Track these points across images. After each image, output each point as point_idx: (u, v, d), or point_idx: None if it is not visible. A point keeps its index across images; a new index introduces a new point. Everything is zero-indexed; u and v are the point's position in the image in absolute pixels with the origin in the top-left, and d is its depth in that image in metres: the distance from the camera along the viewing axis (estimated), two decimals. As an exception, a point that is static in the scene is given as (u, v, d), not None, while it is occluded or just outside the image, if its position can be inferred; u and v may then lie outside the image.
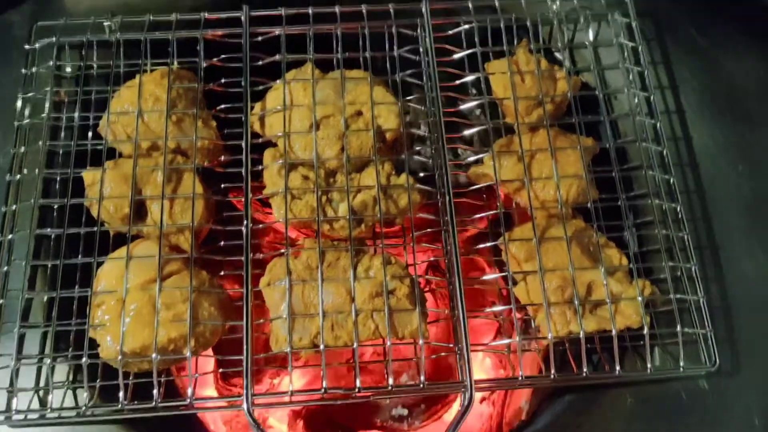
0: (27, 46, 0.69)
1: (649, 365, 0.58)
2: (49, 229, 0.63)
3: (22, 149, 0.66)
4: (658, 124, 0.68)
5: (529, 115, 0.67)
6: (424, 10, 0.70)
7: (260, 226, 0.65)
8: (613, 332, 0.58)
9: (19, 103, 0.67)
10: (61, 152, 0.67)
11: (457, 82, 0.69)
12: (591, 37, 0.72)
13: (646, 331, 0.58)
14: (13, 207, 0.63)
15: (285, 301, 0.58)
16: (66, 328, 0.59)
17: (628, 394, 0.61)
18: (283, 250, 0.61)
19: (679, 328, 0.59)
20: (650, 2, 0.75)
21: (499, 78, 0.68)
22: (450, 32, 0.71)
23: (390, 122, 0.66)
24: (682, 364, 0.58)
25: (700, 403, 0.60)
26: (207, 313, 0.58)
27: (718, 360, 0.59)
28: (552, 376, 0.58)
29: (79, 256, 0.61)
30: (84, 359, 0.56)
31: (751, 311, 0.63)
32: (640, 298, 0.59)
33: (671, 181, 0.66)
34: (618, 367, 0.58)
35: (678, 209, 0.64)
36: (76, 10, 0.74)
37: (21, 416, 0.58)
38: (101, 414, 0.57)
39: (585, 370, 0.57)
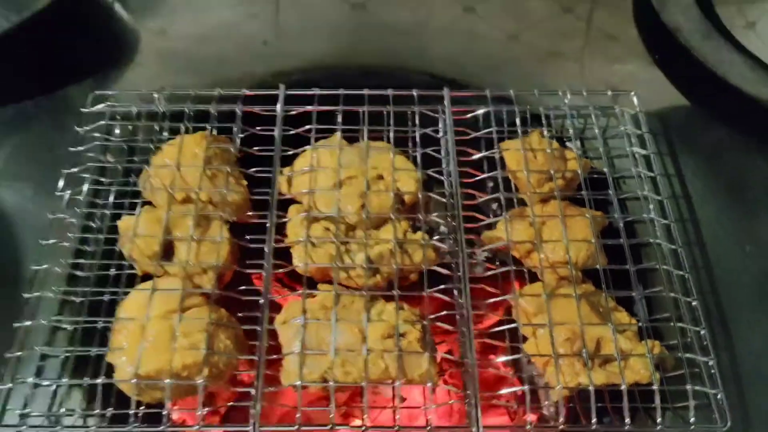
0: (83, 110, 0.76)
1: (659, 419, 0.57)
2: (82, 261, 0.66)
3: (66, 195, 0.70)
4: (665, 202, 0.71)
5: (541, 187, 0.71)
6: (445, 96, 0.77)
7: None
8: (623, 386, 0.58)
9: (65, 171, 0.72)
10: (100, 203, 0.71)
11: (474, 157, 0.74)
12: (599, 127, 0.77)
13: (656, 386, 0.58)
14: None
15: (299, 337, 0.60)
16: (85, 353, 0.60)
17: (640, 454, 0.60)
18: (300, 291, 0.63)
19: (689, 386, 0.59)
20: (654, 100, 0.81)
21: (513, 154, 0.73)
22: (468, 116, 0.76)
23: (409, 186, 0.70)
24: (692, 419, 0.58)
25: (713, 468, 0.58)
26: (222, 345, 0.60)
27: (729, 421, 0.58)
28: (560, 427, 0.58)
29: (106, 295, 0.64)
30: (100, 380, 0.58)
31: (760, 379, 0.62)
32: (649, 356, 0.60)
33: (679, 252, 0.67)
34: (627, 420, 0.57)
35: (686, 277, 0.66)
36: (130, 86, 0.82)
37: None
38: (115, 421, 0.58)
39: (594, 421, 0.57)
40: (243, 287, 0.65)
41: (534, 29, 0.94)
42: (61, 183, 0.70)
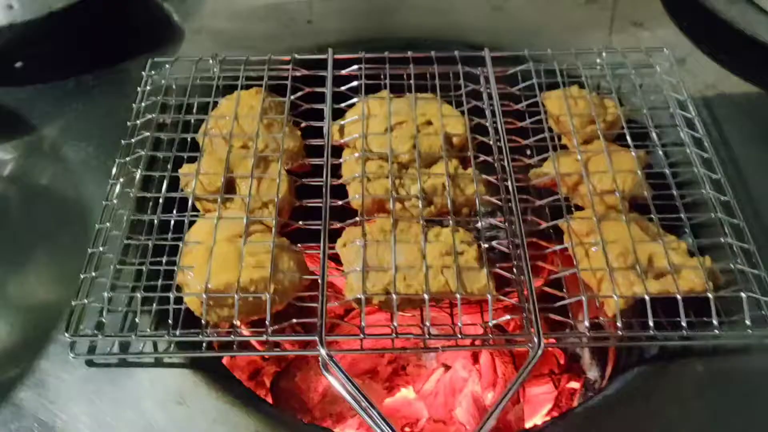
0: (143, 72, 0.80)
1: (715, 321, 0.58)
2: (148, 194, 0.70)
3: (126, 158, 0.73)
4: (712, 160, 0.72)
5: (584, 128, 0.74)
6: (486, 55, 0.80)
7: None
8: (678, 295, 0.59)
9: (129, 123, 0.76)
10: (161, 158, 0.74)
11: (517, 106, 0.77)
12: (634, 83, 0.80)
13: (710, 294, 0.59)
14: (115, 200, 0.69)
15: (360, 257, 0.62)
16: (156, 267, 0.63)
17: (699, 364, 0.60)
18: (358, 219, 0.66)
19: (743, 293, 0.60)
20: (684, 64, 0.84)
21: (554, 101, 0.76)
22: (509, 71, 0.80)
23: (457, 129, 0.73)
24: (748, 323, 0.59)
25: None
26: (286, 266, 0.62)
27: (786, 323, 0.59)
28: (619, 333, 0.59)
29: (172, 218, 0.67)
30: (171, 295, 0.60)
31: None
32: (702, 269, 0.61)
33: (722, 182, 0.70)
34: (684, 324, 0.58)
35: (732, 203, 0.68)
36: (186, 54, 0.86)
37: (103, 359, 0.61)
38: (181, 348, 0.59)
39: (651, 325, 0.58)
40: (302, 222, 0.67)
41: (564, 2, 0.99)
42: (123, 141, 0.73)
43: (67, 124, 0.80)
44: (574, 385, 0.86)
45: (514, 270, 0.64)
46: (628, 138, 0.72)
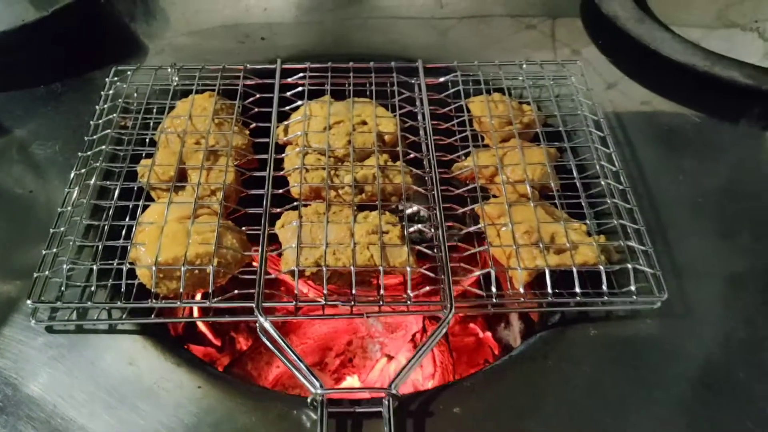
0: (107, 79, 0.88)
1: (604, 289, 0.67)
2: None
3: (89, 152, 0.80)
4: (608, 138, 0.83)
5: (502, 128, 0.83)
6: (419, 66, 0.89)
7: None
8: (573, 267, 0.68)
9: (92, 122, 0.84)
10: (121, 155, 0.82)
11: (444, 110, 0.86)
12: (553, 92, 0.90)
13: (602, 267, 0.68)
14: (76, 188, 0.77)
15: (295, 235, 0.70)
16: (113, 244, 0.70)
17: (592, 328, 0.69)
18: (295, 203, 0.74)
19: (630, 265, 0.69)
20: (597, 76, 0.94)
21: (478, 104, 0.85)
22: (440, 79, 0.89)
23: (389, 128, 0.82)
24: (633, 288, 0.67)
25: (653, 336, 0.68)
26: (230, 243, 0.70)
27: (666, 292, 0.68)
28: (521, 300, 0.67)
29: (129, 204, 0.75)
30: (125, 267, 0.67)
31: (692, 269, 0.73)
32: (595, 244, 0.70)
33: (620, 173, 0.79)
34: (578, 292, 0.67)
35: (627, 191, 0.77)
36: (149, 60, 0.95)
37: (62, 326, 0.67)
38: (133, 316, 0.67)
39: (549, 292, 0.67)
40: (246, 208, 0.75)
41: (493, 23, 1.08)
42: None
43: (36, 126, 0.87)
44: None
45: (435, 249, 0.72)
46: (540, 137, 0.81)
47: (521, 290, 0.68)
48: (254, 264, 0.71)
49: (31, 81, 0.93)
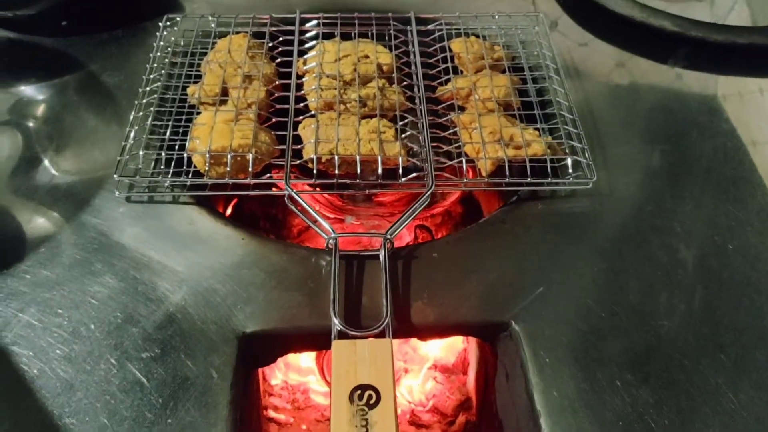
0: (159, 23, 1.10)
1: (549, 174, 0.89)
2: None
3: (149, 84, 1.02)
4: (563, 82, 1.04)
5: (476, 62, 1.05)
6: (411, 17, 1.11)
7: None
8: (525, 157, 0.89)
9: (148, 64, 1.05)
10: (173, 85, 1.04)
11: (430, 50, 1.08)
12: (519, 38, 1.12)
13: (546, 157, 0.90)
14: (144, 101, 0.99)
15: (314, 133, 0.92)
16: (174, 138, 0.92)
17: (540, 204, 0.90)
18: (314, 113, 0.95)
19: (569, 158, 0.91)
20: (560, 30, 1.17)
21: (457, 43, 1.07)
22: (428, 26, 1.11)
23: (386, 60, 1.03)
24: (570, 171, 0.89)
25: (585, 208, 0.90)
26: (263, 139, 0.91)
27: (596, 176, 0.90)
28: (485, 180, 0.89)
29: (184, 112, 0.97)
30: (185, 154, 0.89)
31: (620, 165, 0.95)
32: (543, 141, 0.92)
33: (567, 94, 1.01)
34: (529, 175, 0.88)
35: (572, 107, 0.99)
36: (192, 12, 1.17)
37: (138, 197, 0.89)
38: (191, 190, 0.89)
39: (507, 176, 0.88)
40: (275, 119, 0.97)
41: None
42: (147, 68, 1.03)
43: (103, 62, 1.09)
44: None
45: (420, 141, 0.94)
46: (506, 69, 1.03)
47: (485, 174, 0.89)
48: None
49: (96, 29, 1.15)
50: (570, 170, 0.90)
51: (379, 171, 0.89)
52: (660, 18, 1.11)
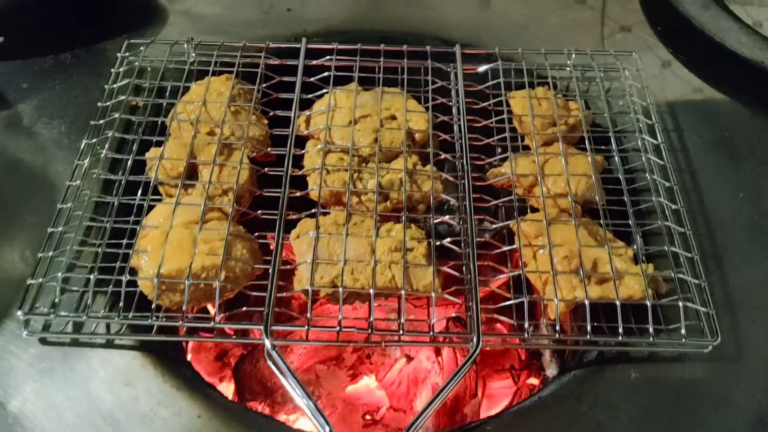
0: (118, 54, 0.81)
1: (650, 329, 0.60)
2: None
3: (94, 140, 0.74)
4: (662, 147, 0.74)
5: (545, 130, 0.75)
6: (456, 52, 0.81)
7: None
8: (617, 301, 0.61)
9: (100, 104, 0.77)
10: (130, 140, 0.76)
11: (483, 104, 0.78)
12: (602, 87, 0.81)
13: (648, 302, 0.61)
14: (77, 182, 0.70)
15: (311, 249, 0.63)
16: (114, 250, 0.65)
17: (633, 370, 0.62)
18: (314, 211, 0.67)
19: (681, 303, 0.61)
20: (655, 67, 0.85)
21: (519, 101, 0.77)
22: (478, 69, 0.81)
23: (420, 125, 0.74)
24: (683, 332, 0.60)
25: (700, 382, 0.61)
26: (239, 254, 0.64)
27: (719, 335, 0.61)
28: (557, 336, 0.61)
29: (134, 201, 0.69)
30: (124, 278, 0.61)
31: (751, 305, 0.66)
32: (643, 275, 0.63)
33: (674, 189, 0.71)
34: (621, 331, 0.60)
35: (681, 211, 0.69)
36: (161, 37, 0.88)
37: (56, 338, 0.63)
38: (132, 330, 0.61)
39: (589, 330, 0.60)
40: (260, 210, 0.68)
41: (544, 4, 0.99)
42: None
43: (42, 101, 0.81)
44: (534, 381, 0.87)
45: (463, 269, 0.65)
46: (587, 142, 0.73)
47: (557, 326, 0.61)
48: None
49: (39, 50, 0.87)
50: (682, 321, 0.61)
51: (402, 316, 0.61)
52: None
